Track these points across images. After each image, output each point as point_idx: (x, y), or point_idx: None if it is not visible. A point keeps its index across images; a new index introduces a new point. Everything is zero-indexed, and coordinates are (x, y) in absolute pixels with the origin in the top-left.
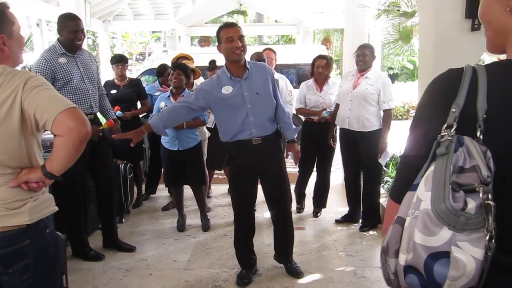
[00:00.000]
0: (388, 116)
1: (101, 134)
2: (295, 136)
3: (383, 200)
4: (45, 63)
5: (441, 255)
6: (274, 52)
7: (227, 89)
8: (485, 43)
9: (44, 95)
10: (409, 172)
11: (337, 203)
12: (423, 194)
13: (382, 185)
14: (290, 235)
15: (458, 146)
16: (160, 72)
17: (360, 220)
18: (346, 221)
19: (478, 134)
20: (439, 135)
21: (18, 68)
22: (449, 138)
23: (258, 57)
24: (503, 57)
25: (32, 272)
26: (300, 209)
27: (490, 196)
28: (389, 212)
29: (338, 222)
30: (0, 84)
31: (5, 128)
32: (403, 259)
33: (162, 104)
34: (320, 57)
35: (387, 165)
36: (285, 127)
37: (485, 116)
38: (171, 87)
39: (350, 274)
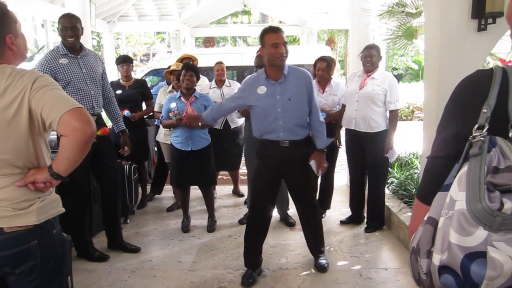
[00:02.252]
0: (394, 117)
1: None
2: (324, 147)
3: (388, 202)
4: (46, 63)
5: (478, 255)
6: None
7: (261, 89)
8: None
9: (51, 94)
10: (438, 173)
11: (342, 204)
12: (457, 194)
13: (387, 186)
14: (318, 229)
15: (491, 147)
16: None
17: (365, 221)
18: (350, 222)
19: (510, 134)
20: (470, 136)
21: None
22: (481, 138)
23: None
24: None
25: (39, 272)
26: None
27: None
28: (417, 213)
29: (343, 223)
30: (9, 84)
31: (13, 128)
32: (437, 259)
33: (173, 105)
34: (321, 59)
35: (392, 166)
36: (316, 136)
37: None
38: (181, 88)
39: (356, 275)
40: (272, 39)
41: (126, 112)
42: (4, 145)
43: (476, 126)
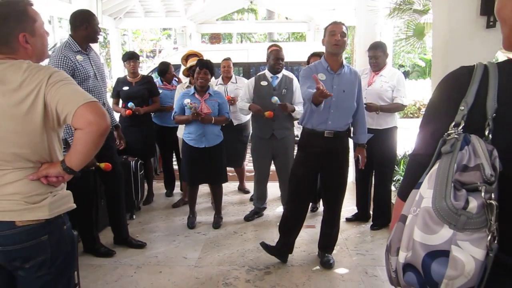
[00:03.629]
0: (396, 106)
1: (97, 164)
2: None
3: (394, 199)
4: (66, 59)
5: (440, 254)
6: (280, 48)
7: (321, 76)
8: (500, 40)
9: (66, 89)
10: (416, 171)
11: (348, 202)
12: (425, 191)
13: (393, 184)
14: (338, 227)
15: (464, 145)
16: (164, 70)
17: (371, 219)
18: (357, 219)
19: (487, 133)
20: (445, 133)
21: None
22: (455, 136)
23: (277, 54)
24: None
25: (48, 268)
26: (314, 208)
27: (493, 196)
28: (396, 211)
29: (348, 220)
30: (25, 78)
31: (28, 122)
32: (402, 257)
33: (187, 101)
34: (314, 54)
35: (398, 164)
36: (360, 131)
37: (494, 114)
38: (194, 85)
39: (361, 273)
40: (331, 28)
41: (129, 103)
42: (19, 139)
43: (453, 123)
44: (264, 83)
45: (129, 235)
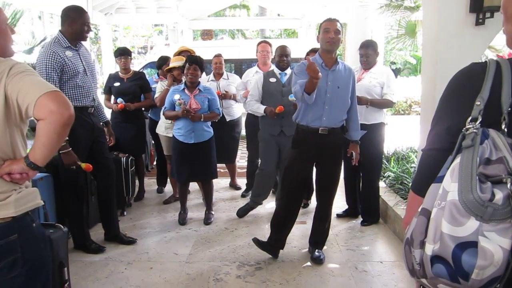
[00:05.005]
0: (386, 101)
1: (79, 163)
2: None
3: (384, 195)
4: (54, 56)
5: (469, 245)
6: (270, 45)
7: None
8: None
9: (27, 80)
10: (432, 165)
11: (339, 198)
12: (449, 185)
13: (384, 179)
14: (329, 224)
15: (483, 139)
16: (161, 65)
17: (360, 215)
18: (347, 215)
19: (503, 127)
20: (464, 128)
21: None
22: (474, 130)
23: (281, 50)
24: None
25: (21, 267)
26: (305, 204)
27: None
28: (411, 205)
29: (339, 216)
30: None
31: None
32: (430, 249)
33: (177, 97)
34: (312, 51)
35: (388, 160)
36: (353, 128)
37: (510, 109)
38: (185, 80)
39: (351, 268)
40: (325, 25)
41: (119, 99)
42: None
43: (470, 118)
44: (273, 79)
45: (120, 231)
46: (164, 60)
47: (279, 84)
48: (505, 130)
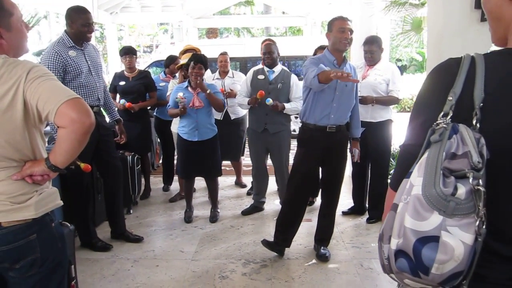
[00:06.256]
0: (391, 98)
1: (77, 163)
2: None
3: None
4: (56, 56)
5: (431, 239)
6: (274, 43)
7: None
8: None
9: (47, 85)
10: (407, 161)
11: (344, 195)
12: (415, 180)
13: (390, 177)
14: (333, 220)
15: (452, 133)
16: (169, 64)
17: (367, 212)
18: (353, 213)
19: (474, 122)
20: (434, 123)
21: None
22: (444, 125)
23: (265, 47)
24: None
25: (39, 267)
26: (311, 202)
27: (481, 182)
28: (388, 201)
29: (345, 214)
30: (2, 74)
31: (7, 120)
32: (394, 243)
33: (180, 94)
34: (321, 48)
35: (394, 158)
36: (355, 126)
37: (482, 104)
38: (188, 79)
39: (357, 265)
40: (340, 24)
41: (121, 101)
42: None
43: (441, 113)
44: (261, 77)
45: (126, 229)
46: (172, 59)
47: (267, 81)
48: (477, 125)
